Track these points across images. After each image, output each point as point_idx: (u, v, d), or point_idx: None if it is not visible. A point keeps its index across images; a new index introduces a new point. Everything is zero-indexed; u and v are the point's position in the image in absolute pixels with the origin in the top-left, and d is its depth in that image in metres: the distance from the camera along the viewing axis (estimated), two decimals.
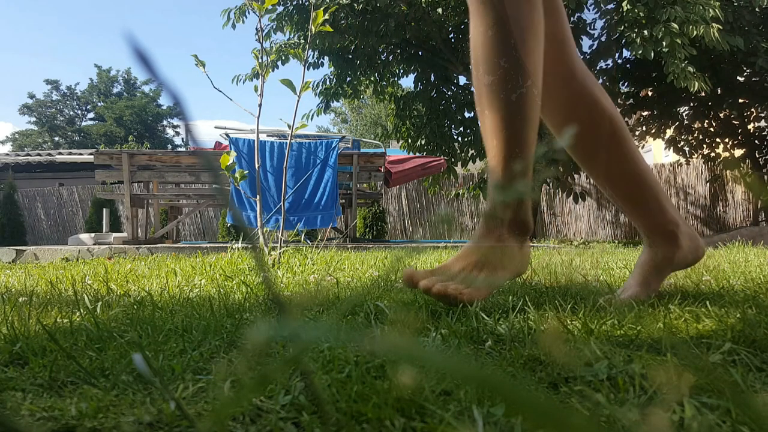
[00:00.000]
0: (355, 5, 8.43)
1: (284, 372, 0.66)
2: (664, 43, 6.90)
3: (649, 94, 10.52)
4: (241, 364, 0.74)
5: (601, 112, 1.30)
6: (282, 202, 2.90)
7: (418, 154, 9.55)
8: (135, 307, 1.22)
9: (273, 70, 2.89)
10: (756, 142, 11.05)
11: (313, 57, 9.29)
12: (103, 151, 6.43)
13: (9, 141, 39.34)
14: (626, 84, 10.17)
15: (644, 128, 11.17)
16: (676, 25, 6.83)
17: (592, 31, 9.14)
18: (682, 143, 11.45)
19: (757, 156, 11.01)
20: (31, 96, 38.92)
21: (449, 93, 10.28)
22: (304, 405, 0.57)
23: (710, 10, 6.72)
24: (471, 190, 10.91)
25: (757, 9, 7.92)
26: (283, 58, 8.73)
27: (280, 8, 8.75)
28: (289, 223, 5.79)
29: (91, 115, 40.34)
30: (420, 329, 0.95)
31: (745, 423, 0.50)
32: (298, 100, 2.68)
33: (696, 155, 11.56)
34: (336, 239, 6.46)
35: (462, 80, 10.28)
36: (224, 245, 5.20)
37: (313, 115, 9.86)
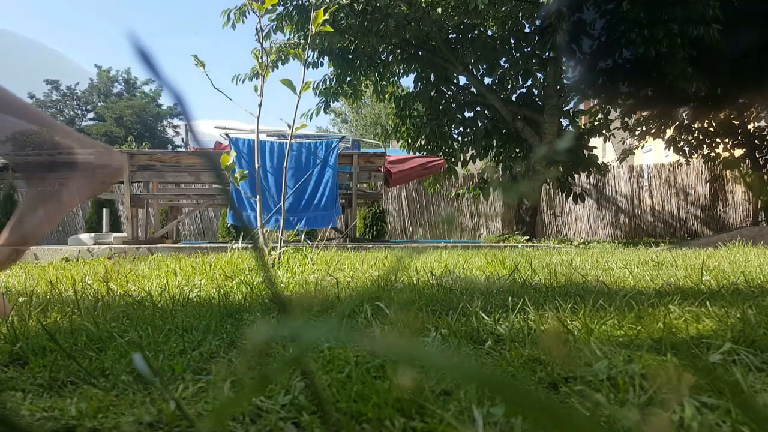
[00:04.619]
0: (355, 5, 8.42)
1: (284, 372, 0.66)
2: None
3: (649, 94, 10.49)
4: (241, 364, 0.74)
5: None
6: (282, 202, 2.90)
7: (418, 154, 9.55)
8: (135, 307, 1.22)
9: (273, 70, 2.89)
10: (756, 142, 11.04)
11: (313, 57, 9.28)
12: None
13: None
14: (626, 84, 10.15)
15: (644, 128, 11.15)
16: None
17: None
18: (682, 143, 11.44)
19: (757, 156, 11.00)
20: (31, 96, 38.88)
21: (449, 93, 10.28)
22: (304, 405, 0.57)
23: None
24: (471, 190, 10.92)
25: None
26: (283, 58, 8.73)
27: (280, 8, 8.75)
28: (289, 223, 5.78)
29: (91, 115, 40.29)
30: (420, 329, 0.95)
31: (745, 423, 0.50)
32: (298, 100, 2.68)
33: (696, 155, 11.55)
34: (336, 239, 6.46)
35: (462, 80, 10.28)
36: (224, 245, 5.19)
37: (312, 115, 9.85)
